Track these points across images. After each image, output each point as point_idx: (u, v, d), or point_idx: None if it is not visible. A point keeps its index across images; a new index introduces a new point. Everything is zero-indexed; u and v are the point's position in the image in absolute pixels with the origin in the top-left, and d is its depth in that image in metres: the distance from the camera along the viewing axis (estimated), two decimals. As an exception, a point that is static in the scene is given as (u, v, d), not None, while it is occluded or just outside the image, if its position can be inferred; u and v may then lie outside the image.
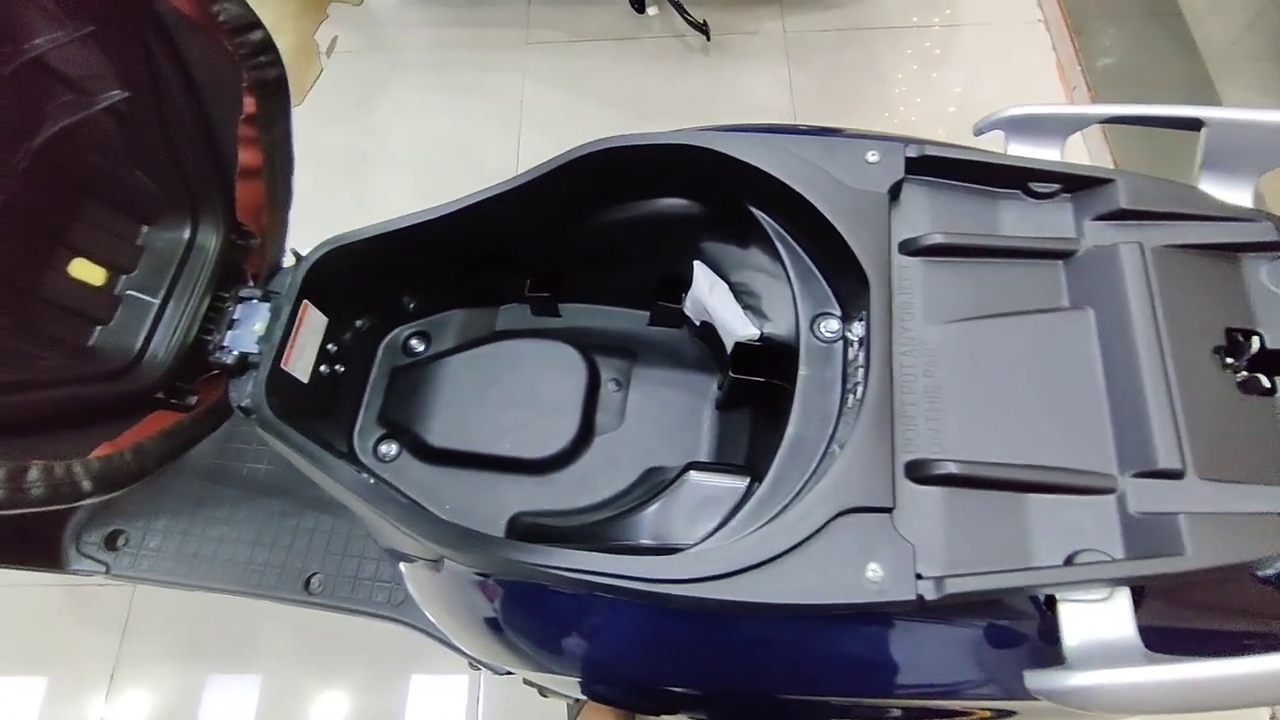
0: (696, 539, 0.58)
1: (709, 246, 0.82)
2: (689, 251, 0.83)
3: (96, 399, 0.64)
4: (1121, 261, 0.56)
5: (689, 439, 0.85)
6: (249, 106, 0.68)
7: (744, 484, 0.67)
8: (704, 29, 1.88)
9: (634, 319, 0.94)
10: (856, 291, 0.62)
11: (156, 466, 0.60)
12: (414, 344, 0.93)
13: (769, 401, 0.75)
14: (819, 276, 0.67)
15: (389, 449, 0.88)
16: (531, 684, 0.96)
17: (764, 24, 1.97)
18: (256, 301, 0.76)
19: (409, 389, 0.89)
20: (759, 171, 0.65)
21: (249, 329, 0.74)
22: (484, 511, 0.83)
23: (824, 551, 0.51)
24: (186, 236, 0.72)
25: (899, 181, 0.63)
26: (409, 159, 1.88)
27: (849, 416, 0.58)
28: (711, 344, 0.88)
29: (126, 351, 0.67)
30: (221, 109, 0.68)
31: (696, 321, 0.88)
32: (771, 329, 0.77)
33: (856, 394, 0.58)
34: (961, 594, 0.48)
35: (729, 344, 0.80)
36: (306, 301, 0.76)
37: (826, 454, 0.58)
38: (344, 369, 0.85)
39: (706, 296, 0.81)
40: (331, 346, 0.82)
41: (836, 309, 0.66)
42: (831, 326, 0.65)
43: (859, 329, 0.62)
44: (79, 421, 0.60)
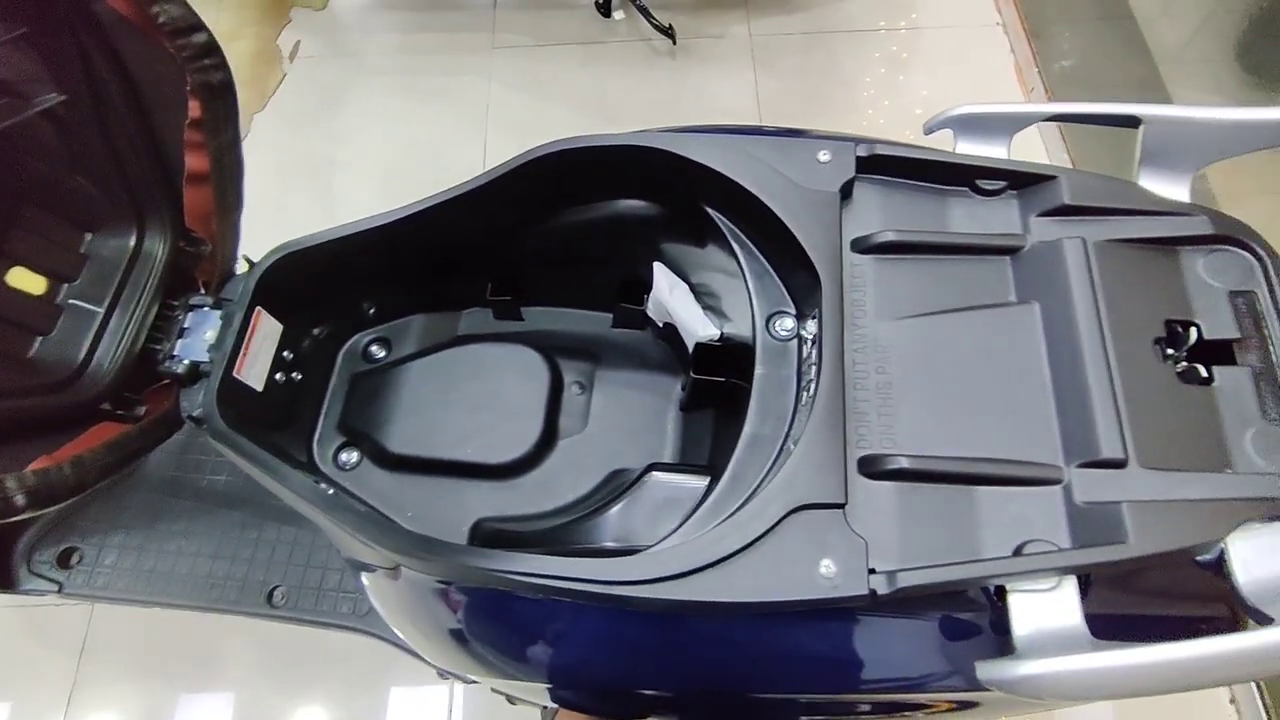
0: (659, 539, 0.58)
1: (668, 247, 0.82)
2: (649, 253, 0.83)
3: (37, 411, 0.62)
4: (1065, 256, 0.57)
5: (653, 440, 0.85)
6: (194, 111, 0.66)
7: (705, 483, 0.67)
8: (670, 33, 1.89)
9: (597, 321, 0.93)
10: (810, 290, 0.62)
11: (98, 480, 0.58)
12: (374, 350, 0.92)
13: (731, 401, 0.75)
14: (774, 276, 0.68)
15: (349, 457, 0.86)
16: (499, 691, 0.95)
17: (730, 28, 1.98)
18: (208, 309, 0.74)
19: (369, 396, 0.88)
20: (712, 172, 0.65)
21: (200, 337, 0.73)
22: (447, 518, 0.82)
23: (777, 549, 0.51)
24: (132, 243, 0.70)
25: (850, 180, 0.64)
26: (374, 165, 1.86)
27: (804, 414, 0.59)
28: (674, 345, 0.88)
29: (69, 363, 0.66)
30: (165, 113, 0.67)
31: (659, 323, 0.88)
32: (732, 329, 0.77)
33: (810, 391, 0.58)
34: (913, 588, 0.49)
35: (690, 345, 0.80)
36: (260, 308, 0.74)
37: (782, 451, 0.58)
38: (302, 377, 0.84)
39: (667, 298, 0.81)
40: (288, 354, 0.80)
41: (792, 307, 0.66)
42: (787, 325, 0.65)
43: (813, 327, 0.62)
44: (17, 435, 0.58)
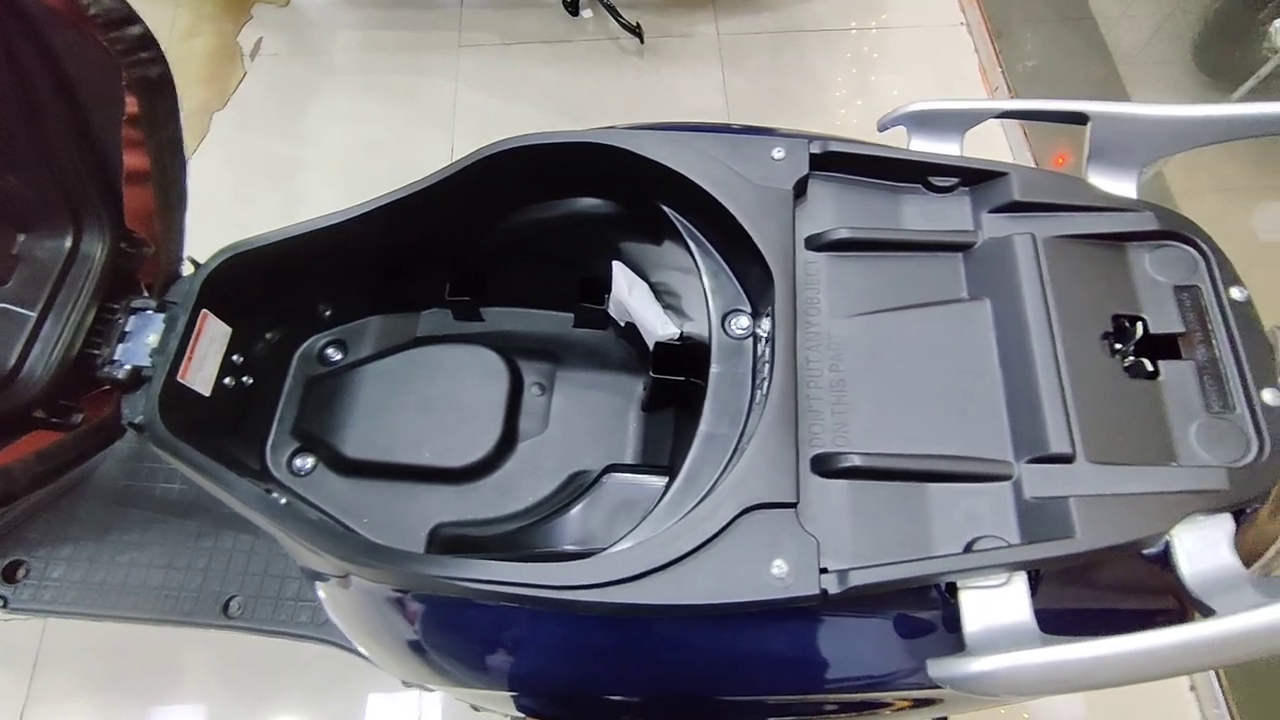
0: (617, 541, 0.57)
1: (628, 246, 0.81)
2: (608, 252, 0.82)
3: (-36, 420, 0.59)
4: (1015, 252, 0.58)
5: (614, 441, 0.84)
6: (131, 106, 0.64)
7: (664, 484, 0.66)
8: (638, 32, 1.89)
9: (558, 321, 0.92)
10: (765, 287, 0.62)
11: (28, 490, 0.56)
12: (330, 353, 0.90)
13: (691, 401, 0.74)
14: (729, 274, 0.67)
15: (304, 462, 0.84)
16: (463, 699, 0.93)
17: (698, 27, 1.98)
18: (151, 312, 0.72)
19: (325, 399, 0.86)
20: (666, 169, 0.65)
21: (142, 341, 0.70)
22: (404, 524, 0.80)
23: (729, 550, 0.50)
24: (68, 244, 0.68)
25: (804, 177, 0.64)
26: (338, 165, 1.83)
27: (758, 412, 0.58)
28: (636, 345, 0.87)
29: (-1, 368, 0.63)
30: (101, 109, 0.65)
31: (621, 323, 0.87)
32: (692, 328, 0.77)
33: (764, 390, 0.58)
34: (864, 586, 0.48)
35: (651, 344, 0.80)
36: (206, 311, 0.72)
37: (738, 450, 0.58)
38: (253, 381, 0.82)
39: (626, 297, 0.80)
40: (237, 358, 0.78)
41: (747, 305, 0.66)
42: (742, 323, 0.65)
43: (768, 325, 0.62)
44: (-58, 445, 0.56)
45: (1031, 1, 1.91)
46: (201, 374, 0.73)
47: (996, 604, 0.49)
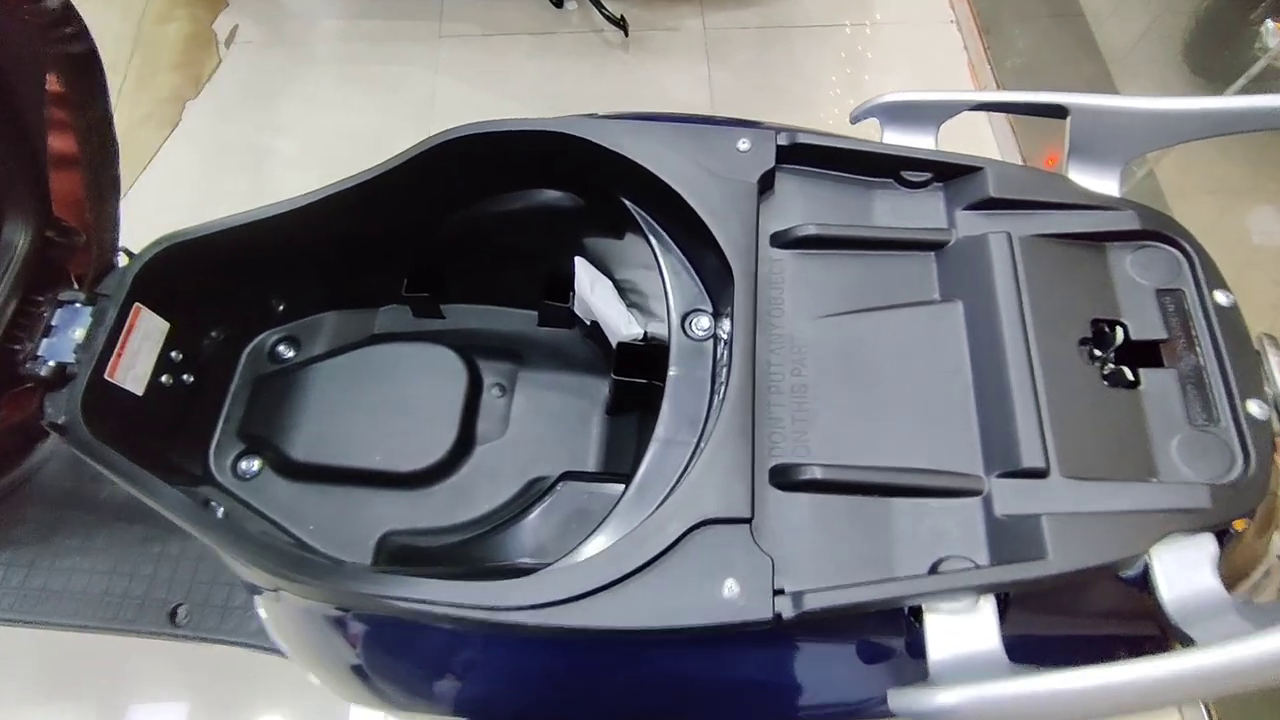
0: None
1: (591, 242, 0.77)
2: (572, 247, 0.78)
3: None
4: (989, 252, 0.54)
5: (577, 446, 0.80)
6: (54, 85, 0.60)
7: (621, 492, 0.63)
8: (622, 24, 1.85)
9: (523, 320, 0.89)
10: (726, 286, 0.58)
11: None
12: (282, 350, 0.86)
13: (656, 404, 0.71)
14: (691, 271, 0.64)
15: (250, 465, 0.80)
16: None
17: (684, 21, 1.94)
18: (79, 305, 0.68)
19: (274, 399, 0.81)
20: (625, 160, 0.61)
21: (68, 336, 0.66)
22: (352, 531, 0.76)
23: (678, 568, 0.47)
24: (-13, 233, 0.64)
25: (770, 171, 0.60)
26: (314, 157, 1.78)
27: (715, 418, 0.54)
28: (602, 344, 0.83)
29: (-92, 365, 0.59)
30: (21, 87, 0.60)
31: (586, 321, 0.84)
32: (657, 328, 0.73)
33: (721, 395, 0.54)
34: (820, 610, 0.45)
35: (614, 344, 0.76)
36: (139, 305, 0.68)
37: (693, 460, 0.54)
38: (195, 379, 0.78)
39: (588, 295, 0.76)
40: (177, 354, 0.74)
41: (709, 305, 0.62)
42: (702, 324, 0.61)
43: (729, 326, 0.58)
44: None
45: (1021, -2, 1.88)
46: (134, 371, 0.69)
47: (963, 630, 0.45)
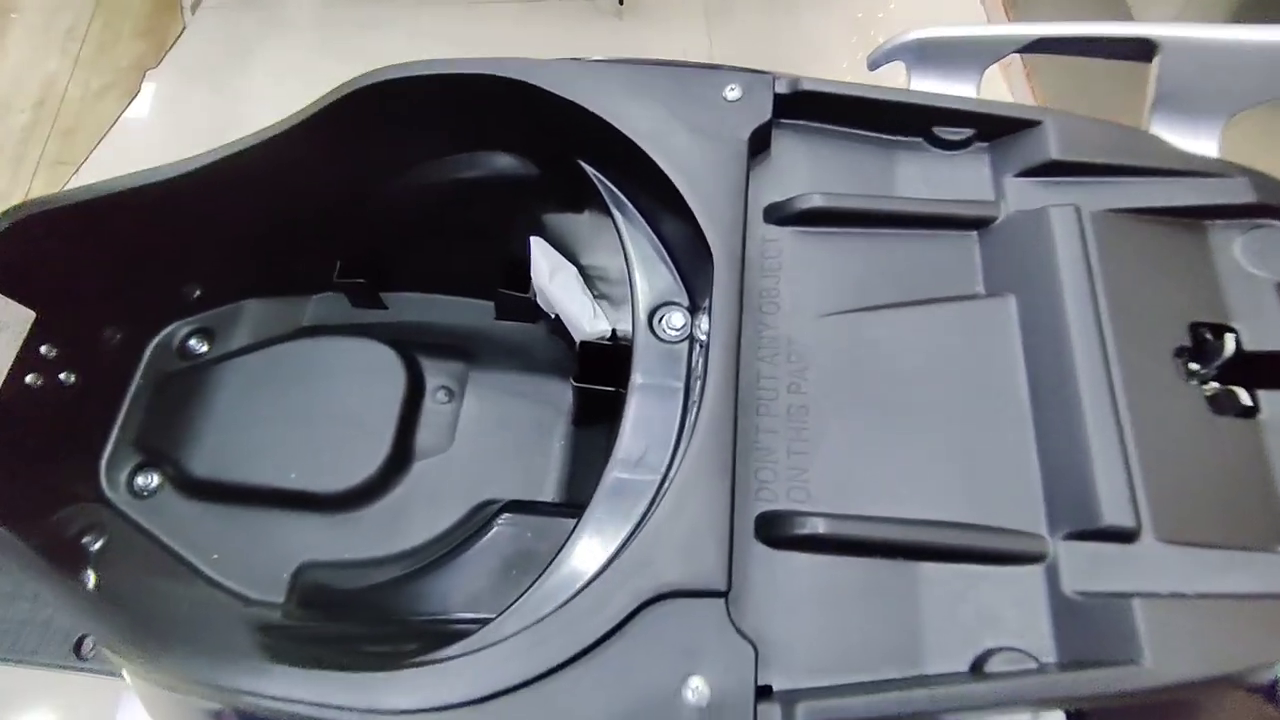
0: (505, 609, 0.41)
1: (551, 219, 0.65)
2: (529, 224, 0.65)
3: None
4: (1052, 232, 0.42)
5: (535, 464, 0.68)
6: None
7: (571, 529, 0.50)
8: (616, -11, 1.71)
9: (477, 311, 0.76)
10: (705, 273, 0.45)
11: None
12: (193, 344, 0.74)
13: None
14: (664, 254, 0.51)
15: (148, 481, 0.68)
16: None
17: (683, -15, 1.80)
18: (-83, 290, 0.55)
19: (180, 402, 0.69)
20: (580, 110, 0.48)
21: (-105, 328, 0.54)
22: (263, 562, 0.65)
23: (622, 661, 0.34)
24: None
25: (766, 126, 0.47)
26: (282, 129, 1.65)
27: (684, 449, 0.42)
28: (570, 342, 0.71)
29: None
30: None
31: (551, 314, 0.71)
32: (630, 325, 0.60)
33: (694, 416, 0.41)
34: (820, 725, 0.32)
35: (578, 343, 0.63)
36: None
37: (655, 502, 0.41)
38: (78, 379, 0.65)
39: (546, 283, 0.64)
40: (49, 349, 0.62)
41: (685, 298, 0.49)
42: (675, 321, 0.48)
43: (708, 324, 0.45)
44: None
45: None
46: (-16, 370, 0.57)
47: (1018, 754, 0.33)
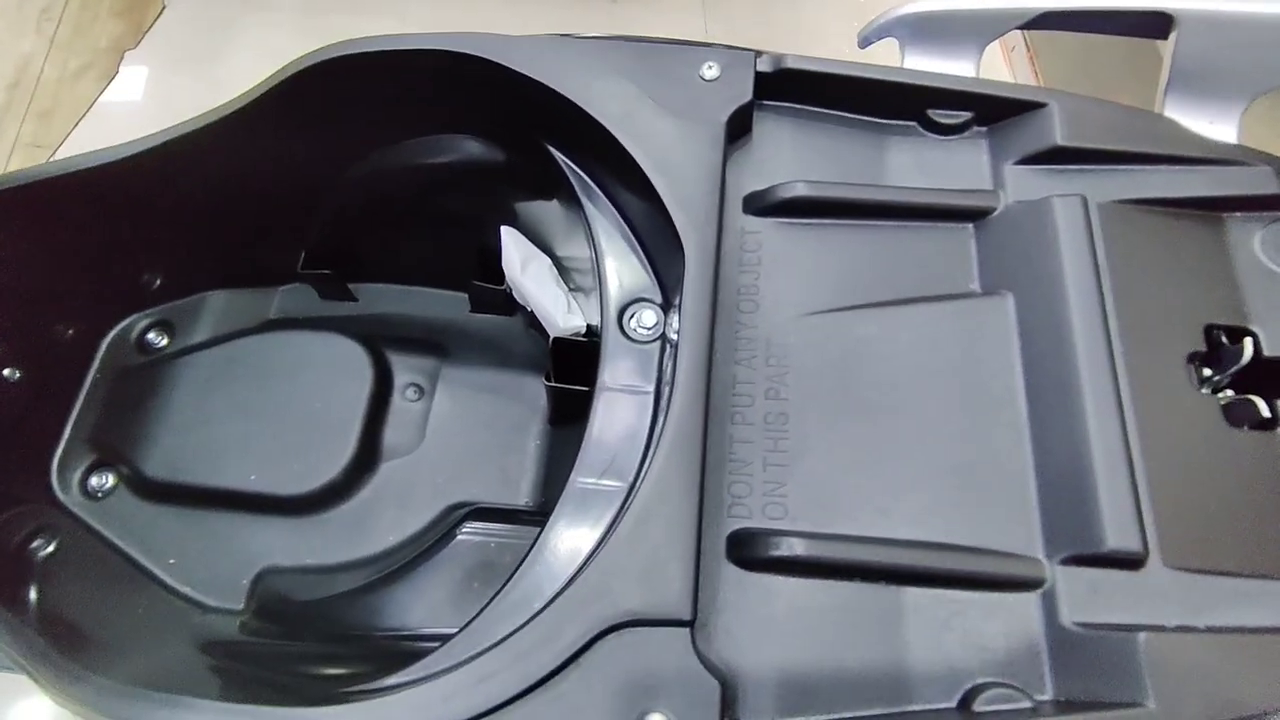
0: (465, 624, 0.38)
1: (524, 207, 0.61)
2: (499, 213, 0.62)
3: None
4: (1055, 224, 0.38)
5: (509, 465, 0.65)
6: None
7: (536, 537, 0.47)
8: (609, -30, 1.66)
9: (452, 304, 0.73)
10: (678, 268, 0.42)
11: None
12: (152, 338, 0.70)
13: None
14: (635, 247, 0.47)
15: (102, 481, 0.65)
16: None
17: (679, -32, 1.75)
18: None
19: (137, 398, 0.66)
20: (543, 89, 0.45)
21: None
22: (222, 567, 0.62)
23: (575, 696, 0.31)
24: None
25: (746, 107, 0.44)
26: (264, 114, 1.62)
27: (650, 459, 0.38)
28: (548, 336, 0.67)
29: None
30: None
31: (528, 307, 0.67)
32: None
33: (662, 423, 0.38)
34: (791, 769, 0.29)
35: (551, 338, 0.60)
36: None
37: (618, 519, 0.38)
38: (28, 373, 0.62)
39: (519, 276, 0.60)
40: (-7, 343, 0.58)
41: (658, 295, 0.46)
42: (646, 320, 0.45)
43: (679, 323, 0.42)
44: None
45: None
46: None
47: (1009, 801, 0.30)
